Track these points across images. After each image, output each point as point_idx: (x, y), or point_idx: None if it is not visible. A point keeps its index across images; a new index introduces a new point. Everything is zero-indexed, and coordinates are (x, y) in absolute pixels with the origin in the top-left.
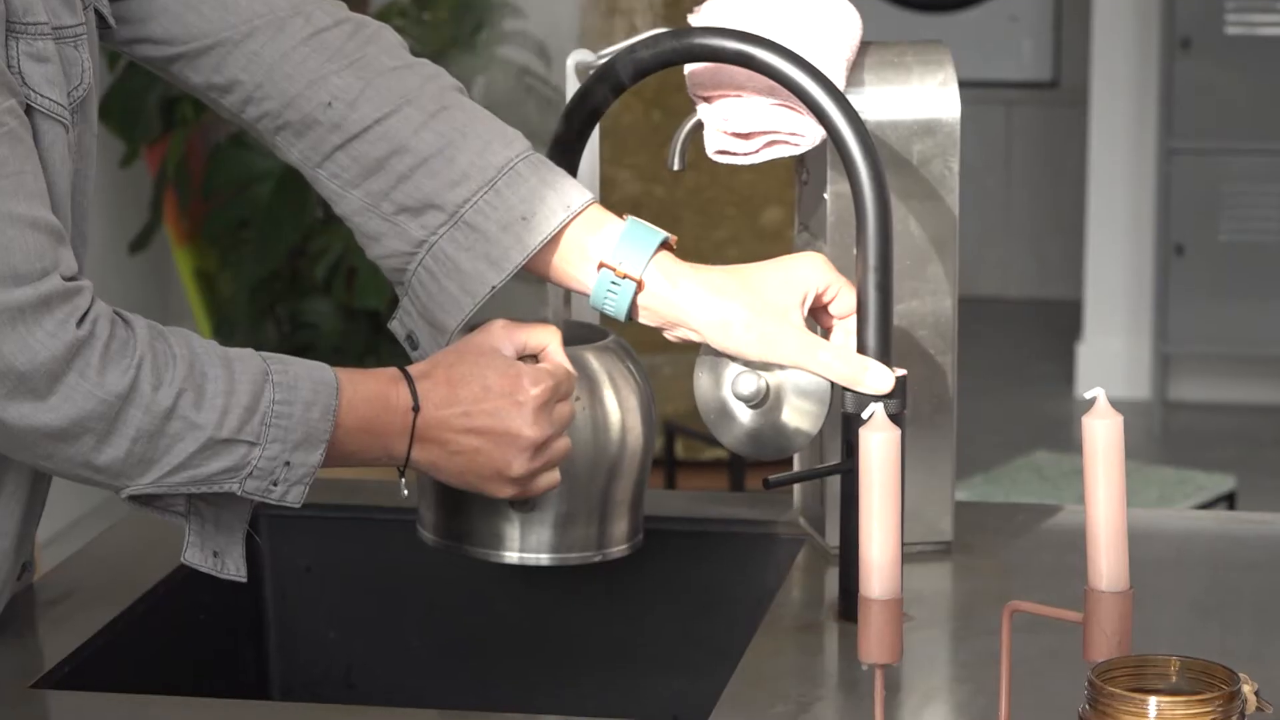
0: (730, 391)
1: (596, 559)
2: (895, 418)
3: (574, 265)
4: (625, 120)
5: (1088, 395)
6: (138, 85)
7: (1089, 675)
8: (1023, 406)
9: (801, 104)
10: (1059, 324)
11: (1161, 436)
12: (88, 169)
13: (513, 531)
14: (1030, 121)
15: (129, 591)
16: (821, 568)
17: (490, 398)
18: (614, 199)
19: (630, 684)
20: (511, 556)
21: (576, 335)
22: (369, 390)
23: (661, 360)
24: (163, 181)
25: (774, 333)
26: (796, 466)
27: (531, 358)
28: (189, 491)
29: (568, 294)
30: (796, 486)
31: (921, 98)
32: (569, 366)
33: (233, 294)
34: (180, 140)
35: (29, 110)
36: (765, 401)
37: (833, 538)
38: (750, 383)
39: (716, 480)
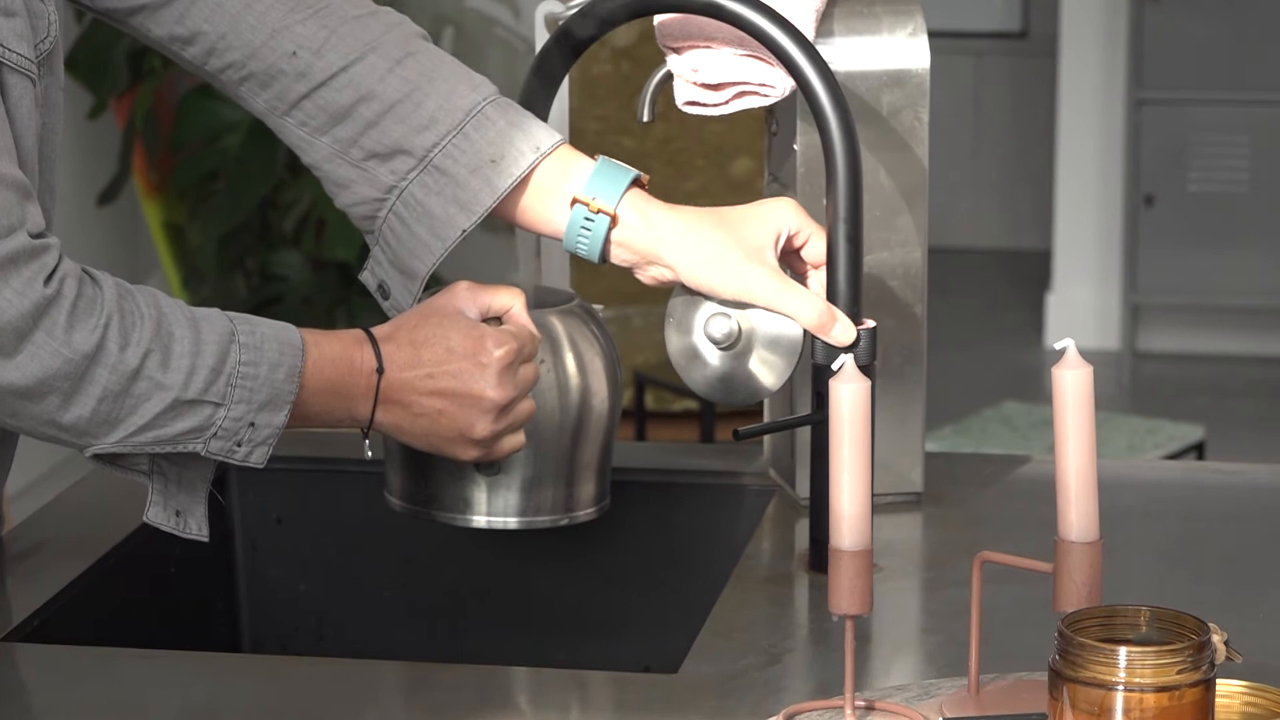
0: (702, 333)
1: (564, 522)
2: (865, 369)
3: (545, 206)
4: (594, 71)
5: (1057, 346)
6: (105, 37)
7: (1059, 626)
8: (992, 357)
9: (771, 55)
10: (1028, 274)
11: (1131, 387)
12: (55, 122)
13: (479, 496)
14: (999, 72)
15: (99, 545)
16: (791, 519)
17: (453, 359)
18: (582, 150)
19: (601, 635)
20: (479, 520)
21: (541, 299)
22: (333, 352)
23: (632, 312)
24: (131, 133)
25: (747, 271)
26: (767, 417)
27: (495, 320)
28: (154, 451)
29: (538, 248)
30: (766, 438)
31: (891, 48)
32: (533, 328)
33: (202, 245)
34: (149, 92)
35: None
36: (736, 345)
37: (803, 489)
38: (722, 325)
39: (686, 432)
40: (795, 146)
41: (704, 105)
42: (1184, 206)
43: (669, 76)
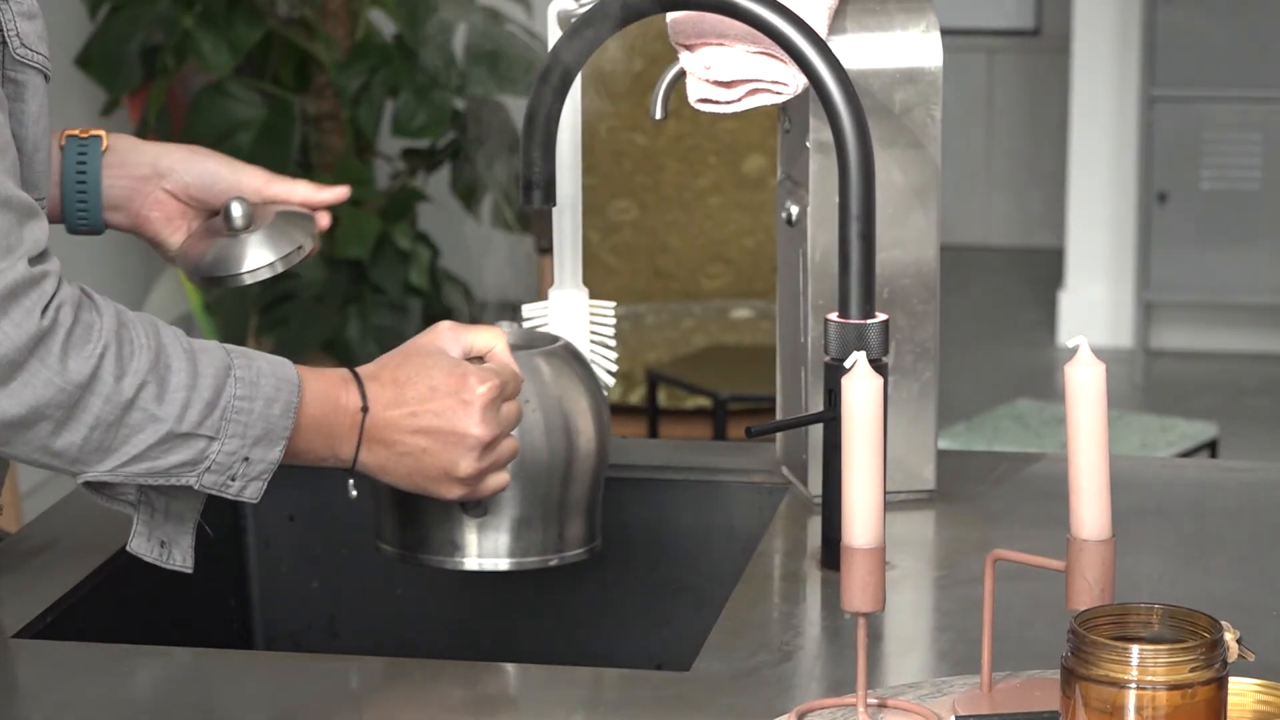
0: (221, 218)
1: (553, 563)
2: (878, 366)
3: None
4: (606, 68)
5: (1070, 343)
6: (119, 34)
7: (1071, 623)
8: (1005, 355)
9: (783, 52)
10: (1041, 272)
11: (1144, 384)
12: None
13: (468, 538)
14: (1012, 69)
15: (112, 541)
16: (804, 516)
17: (437, 397)
18: (595, 147)
19: (613, 632)
20: (469, 563)
21: (527, 341)
22: (320, 389)
23: (644, 309)
24: (144, 130)
25: (238, 164)
26: (779, 416)
27: (478, 359)
28: (147, 483)
29: (537, 246)
30: (779, 435)
31: (904, 46)
32: (515, 366)
33: None
34: (161, 89)
35: (21, 68)
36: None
37: (815, 486)
38: (239, 206)
39: (699, 429)
40: (808, 144)
41: (717, 103)
42: (1197, 204)
43: (682, 74)
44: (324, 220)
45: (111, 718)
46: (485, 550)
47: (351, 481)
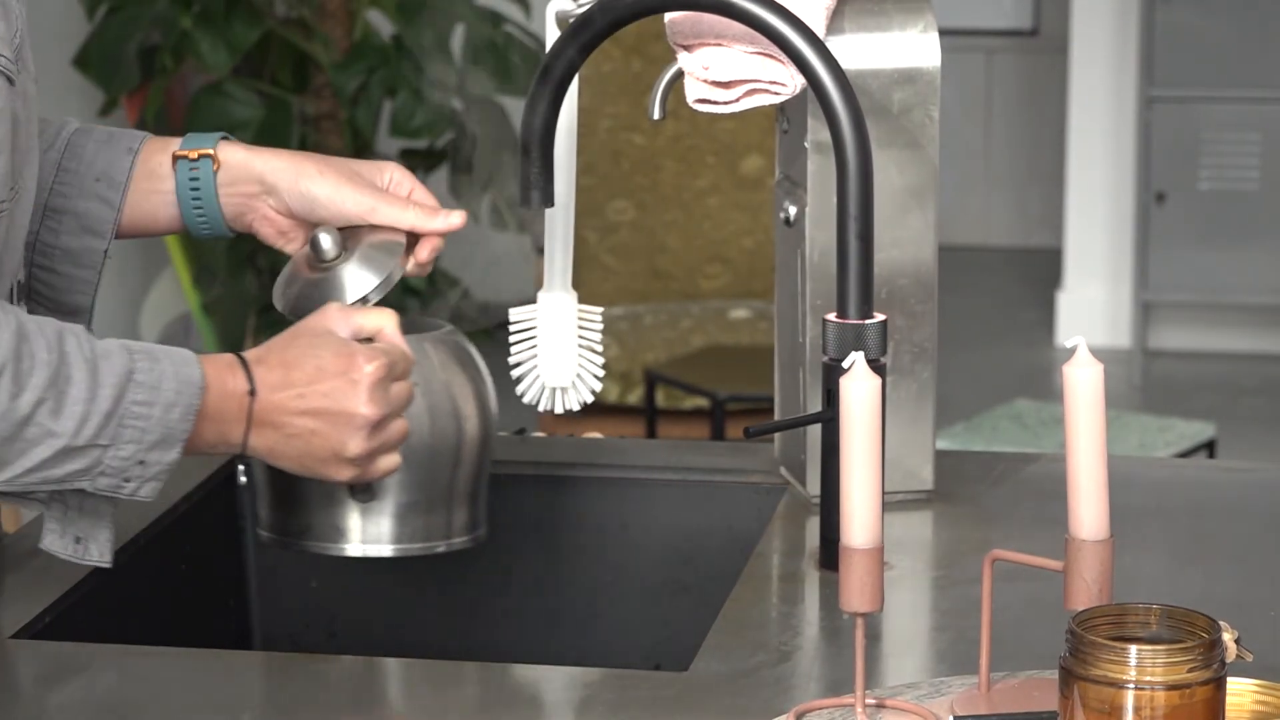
0: (308, 248)
1: (440, 549)
2: (876, 366)
3: (159, 193)
4: (605, 69)
5: (1068, 344)
6: (117, 34)
7: (1070, 624)
8: (1003, 355)
9: (781, 52)
10: (1039, 272)
11: (1142, 384)
12: (31, 114)
13: (353, 524)
14: (1011, 69)
15: None
16: (802, 517)
17: (325, 378)
18: (593, 148)
19: (612, 632)
20: (353, 549)
21: (416, 327)
22: (207, 376)
23: (642, 309)
24: (142, 130)
25: (346, 182)
26: (777, 416)
27: (367, 340)
28: (40, 489)
29: (535, 246)
30: (777, 435)
31: (902, 46)
32: (405, 347)
33: (212, 243)
34: (160, 89)
35: None
36: (339, 258)
37: (813, 487)
38: (327, 238)
39: (697, 429)
40: (806, 144)
41: (715, 103)
42: (1195, 204)
43: (680, 74)
44: (427, 250)
45: (108, 718)
46: (369, 536)
47: (241, 468)
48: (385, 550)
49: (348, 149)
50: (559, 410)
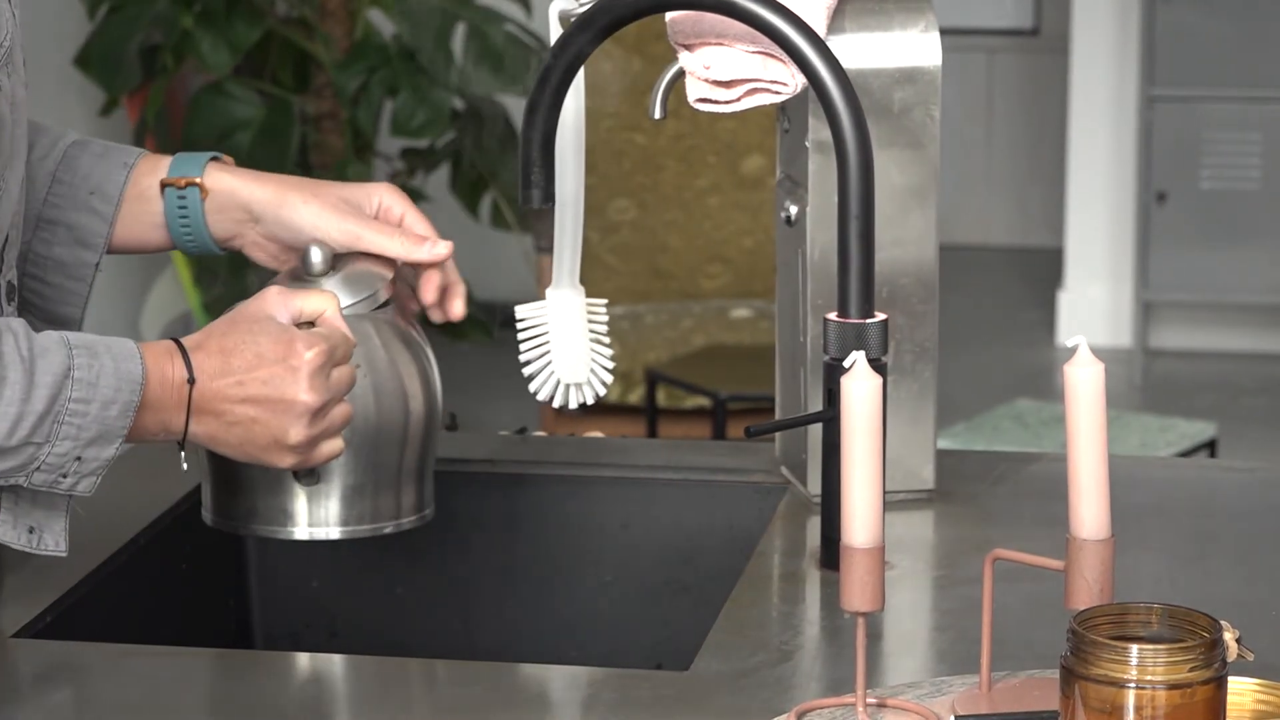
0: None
1: (387, 529)
2: (877, 366)
3: (149, 214)
4: (606, 68)
5: (1069, 343)
6: (118, 34)
7: (1071, 623)
8: (1004, 355)
9: (782, 52)
10: (1040, 272)
11: (1143, 384)
12: (20, 117)
13: (299, 507)
14: (1011, 69)
15: (110, 541)
16: (803, 516)
17: (264, 365)
18: (594, 147)
19: (613, 632)
20: (300, 533)
21: (357, 300)
22: (146, 365)
23: (643, 309)
24: (143, 130)
25: (330, 210)
26: (778, 415)
27: (308, 324)
28: None
29: (537, 245)
30: (778, 435)
31: (903, 45)
32: (346, 331)
33: None
34: (160, 89)
35: None
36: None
37: (814, 486)
38: (316, 252)
39: (698, 429)
40: (807, 144)
41: (716, 102)
42: (1196, 204)
43: (681, 74)
44: (431, 290)
45: (110, 718)
46: (316, 519)
47: (183, 455)
48: (333, 533)
49: (349, 148)
50: (573, 405)
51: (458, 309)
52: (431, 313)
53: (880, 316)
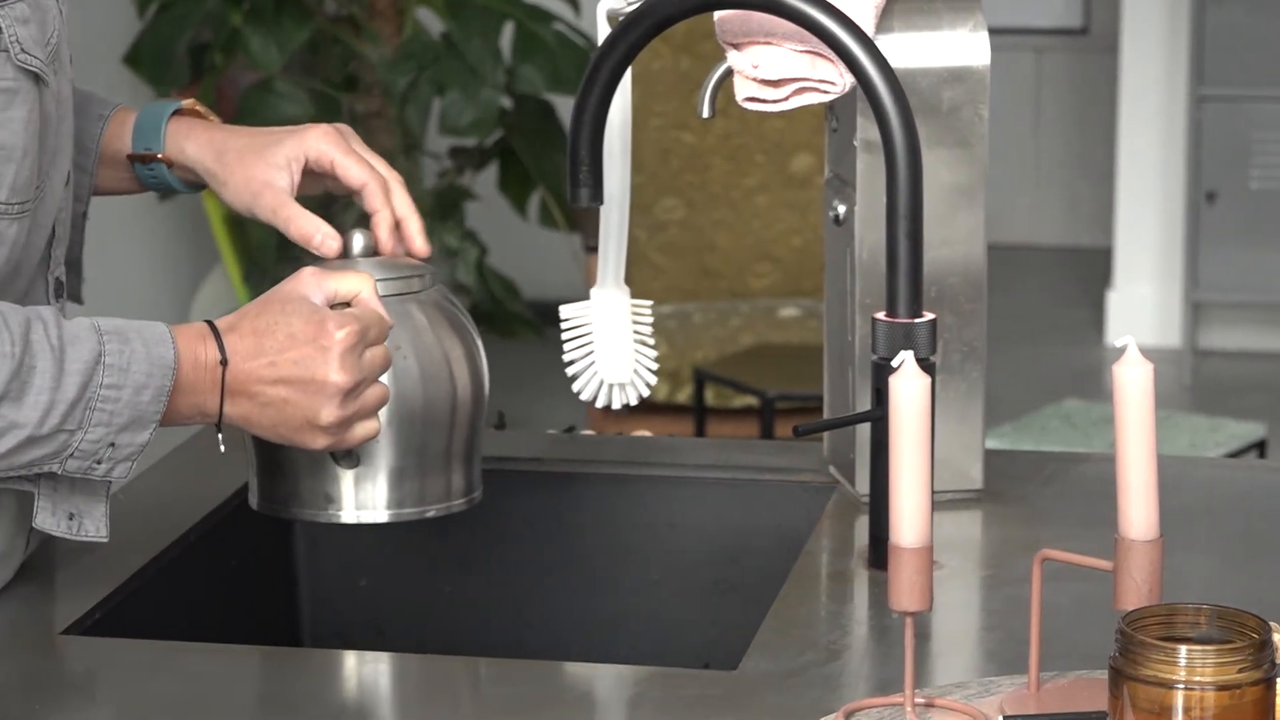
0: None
1: (431, 514)
2: (925, 365)
3: (122, 176)
4: (654, 67)
5: (1118, 343)
6: (167, 32)
7: (1119, 624)
8: (1053, 354)
9: (831, 51)
10: (1089, 271)
11: (1192, 384)
12: (65, 113)
13: (343, 490)
14: (1060, 68)
15: (160, 538)
16: (851, 515)
17: (295, 345)
18: (642, 146)
19: (661, 631)
20: (346, 516)
21: (400, 288)
22: (179, 349)
23: (691, 308)
24: None
25: (239, 192)
26: (826, 414)
27: (343, 305)
28: (6, 476)
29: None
30: (826, 434)
31: (951, 44)
32: (381, 311)
33: (263, 240)
34: (210, 87)
35: (18, 74)
36: None
37: (862, 485)
38: (360, 237)
39: (746, 428)
40: (855, 143)
41: (764, 101)
42: (1246, 203)
43: (729, 72)
44: (385, 229)
45: (159, 714)
46: (361, 502)
47: (220, 436)
48: (380, 516)
49: (397, 147)
50: (616, 405)
51: (417, 244)
52: (390, 249)
53: (928, 316)
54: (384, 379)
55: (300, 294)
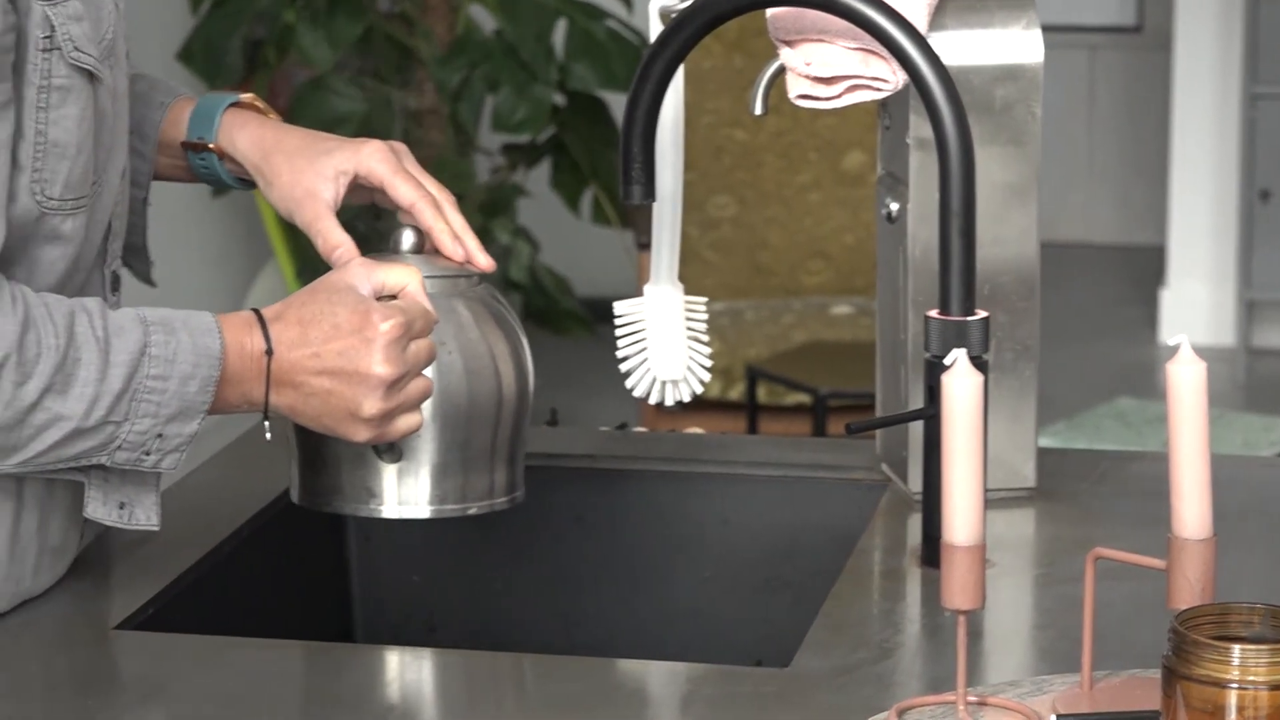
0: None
1: (472, 511)
2: (978, 363)
3: (177, 165)
4: (707, 65)
5: (1171, 342)
6: (220, 29)
7: (1172, 623)
8: (1106, 353)
9: (884, 49)
10: (1143, 269)
11: (1245, 383)
12: (121, 109)
13: (385, 485)
14: (1114, 66)
15: (214, 534)
16: (904, 513)
17: (339, 336)
18: (695, 143)
19: (713, 628)
20: (388, 511)
21: (448, 286)
22: (226, 338)
23: (744, 305)
24: None
25: (283, 198)
26: (879, 413)
27: (390, 297)
28: (57, 468)
29: (637, 243)
30: (879, 432)
31: (1004, 42)
32: (427, 304)
33: None
34: (264, 83)
35: (71, 72)
36: None
37: (915, 483)
38: (410, 236)
39: (799, 426)
40: (908, 141)
41: (817, 99)
42: None
43: (781, 70)
44: (442, 244)
45: (211, 709)
46: (404, 497)
47: (267, 424)
48: (422, 512)
49: (450, 144)
50: (669, 402)
51: (481, 260)
52: (459, 259)
53: (981, 314)
54: (428, 373)
55: (347, 284)
